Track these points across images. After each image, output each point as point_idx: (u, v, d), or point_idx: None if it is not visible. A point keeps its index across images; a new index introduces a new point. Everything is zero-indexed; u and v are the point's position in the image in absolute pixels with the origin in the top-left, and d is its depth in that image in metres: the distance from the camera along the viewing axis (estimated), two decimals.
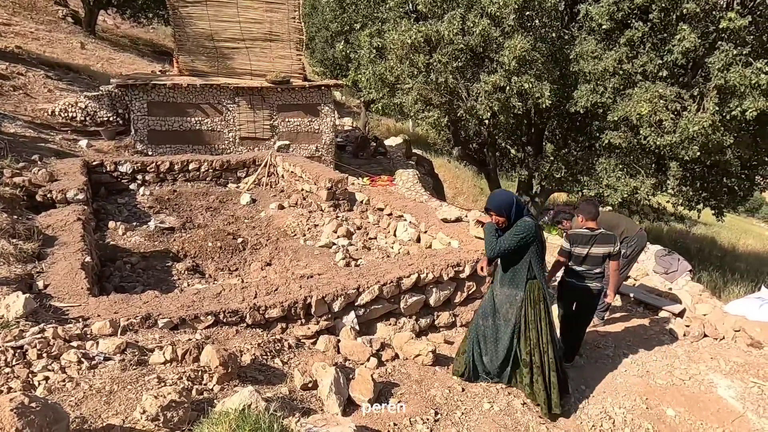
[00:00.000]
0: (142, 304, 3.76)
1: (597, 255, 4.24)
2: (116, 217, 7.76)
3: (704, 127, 8.63)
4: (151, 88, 11.14)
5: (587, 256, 4.24)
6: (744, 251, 18.60)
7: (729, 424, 3.96)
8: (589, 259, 4.25)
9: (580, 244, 4.24)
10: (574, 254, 4.27)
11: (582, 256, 4.25)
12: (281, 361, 3.61)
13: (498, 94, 9.68)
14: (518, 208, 3.54)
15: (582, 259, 4.26)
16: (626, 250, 5.31)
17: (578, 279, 4.32)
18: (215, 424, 2.31)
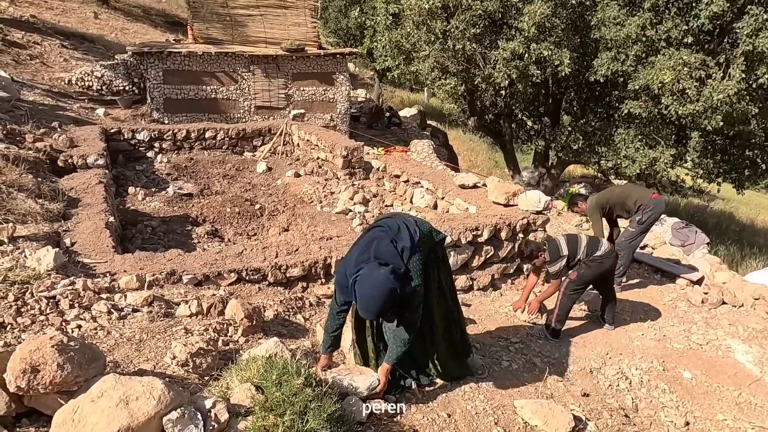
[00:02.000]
0: (166, 261, 3.83)
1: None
2: (135, 183, 7.85)
3: (729, 95, 8.40)
4: (166, 56, 11.10)
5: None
6: (763, 226, 18.31)
7: (746, 387, 3.98)
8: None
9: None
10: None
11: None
12: (303, 318, 3.68)
13: (516, 62, 9.50)
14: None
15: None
16: (641, 216, 5.26)
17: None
18: (243, 370, 2.38)
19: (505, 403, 3.02)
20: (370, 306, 2.43)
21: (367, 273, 2.44)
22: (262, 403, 2.13)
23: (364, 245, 2.66)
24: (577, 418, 2.97)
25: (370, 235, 2.75)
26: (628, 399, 3.66)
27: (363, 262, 2.53)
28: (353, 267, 2.53)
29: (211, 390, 2.30)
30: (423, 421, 2.66)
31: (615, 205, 5.42)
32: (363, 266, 2.49)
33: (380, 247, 2.59)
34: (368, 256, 2.54)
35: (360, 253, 2.61)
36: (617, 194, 5.52)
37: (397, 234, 2.66)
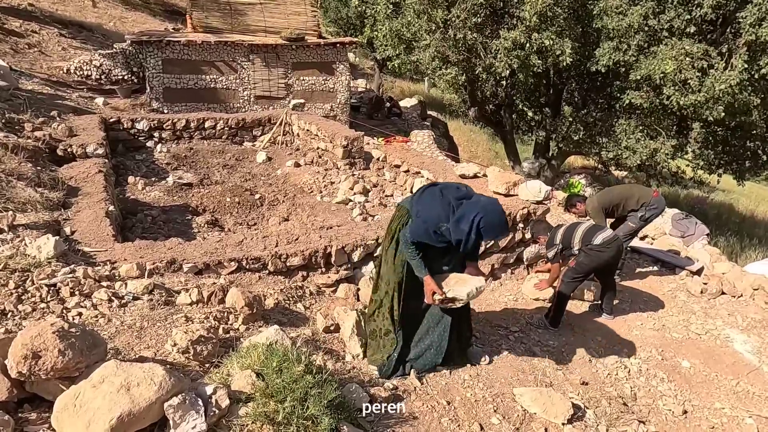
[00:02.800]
0: (166, 250, 3.84)
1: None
2: (135, 173, 7.84)
3: (731, 86, 8.36)
4: (165, 45, 11.03)
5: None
6: (763, 218, 18.30)
7: (744, 376, 4.00)
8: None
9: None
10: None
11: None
12: (303, 306, 3.69)
13: (517, 51, 9.43)
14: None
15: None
16: (644, 213, 5.25)
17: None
18: (244, 357, 2.39)
19: (504, 391, 3.04)
20: (503, 228, 2.72)
21: (484, 204, 2.68)
22: (262, 389, 2.13)
23: (437, 196, 2.78)
24: (576, 406, 2.99)
25: (430, 191, 2.86)
26: (626, 388, 3.69)
27: (460, 201, 2.70)
28: (449, 213, 2.65)
29: (211, 377, 2.31)
30: (423, 408, 2.68)
31: (617, 206, 5.33)
32: (465, 203, 2.67)
33: (460, 188, 2.83)
34: (459, 196, 2.75)
35: (443, 204, 2.72)
36: (618, 194, 5.42)
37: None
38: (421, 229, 2.75)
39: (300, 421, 2.07)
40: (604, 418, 3.06)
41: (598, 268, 4.35)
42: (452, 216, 2.69)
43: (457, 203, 2.73)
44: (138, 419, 1.86)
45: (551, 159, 13.49)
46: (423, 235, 2.75)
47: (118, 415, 1.81)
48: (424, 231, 2.75)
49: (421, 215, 2.77)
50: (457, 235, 2.68)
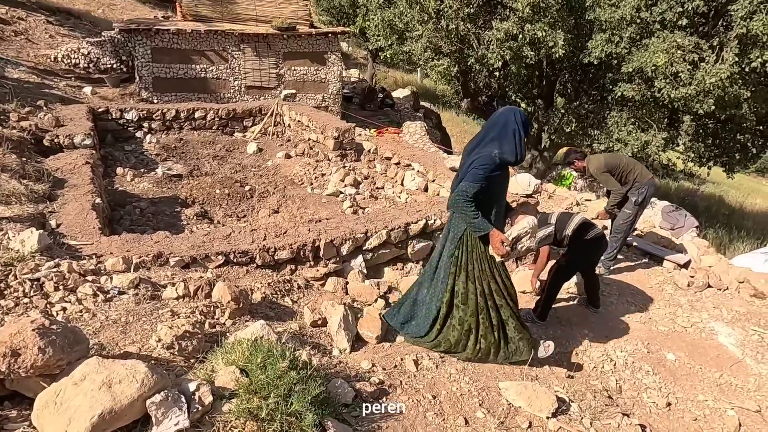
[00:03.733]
0: (153, 243, 3.81)
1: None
2: (124, 164, 7.77)
3: (722, 79, 8.38)
4: (154, 34, 10.89)
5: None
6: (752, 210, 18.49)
7: (727, 368, 4.05)
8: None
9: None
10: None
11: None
12: (291, 300, 3.68)
13: (510, 43, 9.40)
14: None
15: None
16: (637, 197, 5.24)
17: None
18: (229, 353, 2.38)
19: (490, 384, 3.05)
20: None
21: (505, 110, 3.04)
22: (246, 385, 2.13)
23: (470, 151, 3.07)
24: (561, 400, 3.02)
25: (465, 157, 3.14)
26: (612, 380, 3.72)
27: (489, 131, 3.04)
28: (494, 143, 2.96)
29: (196, 373, 2.31)
30: (408, 402, 2.69)
31: (621, 173, 5.25)
32: (495, 127, 3.01)
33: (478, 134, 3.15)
34: (486, 132, 3.04)
35: (483, 145, 3.01)
36: (625, 163, 5.30)
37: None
38: (481, 173, 2.90)
39: (284, 417, 2.07)
40: (589, 412, 3.09)
41: (586, 264, 4.38)
42: (497, 141, 2.95)
43: (490, 132, 3.00)
44: (120, 417, 1.86)
45: (543, 151, 13.51)
46: (489, 170, 2.90)
47: (100, 412, 1.80)
48: (490, 171, 2.91)
49: (475, 165, 2.92)
50: (510, 144, 2.94)
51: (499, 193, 3.12)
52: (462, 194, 2.91)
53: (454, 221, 3.17)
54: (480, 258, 3.12)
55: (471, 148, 3.07)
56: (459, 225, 3.12)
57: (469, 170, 2.94)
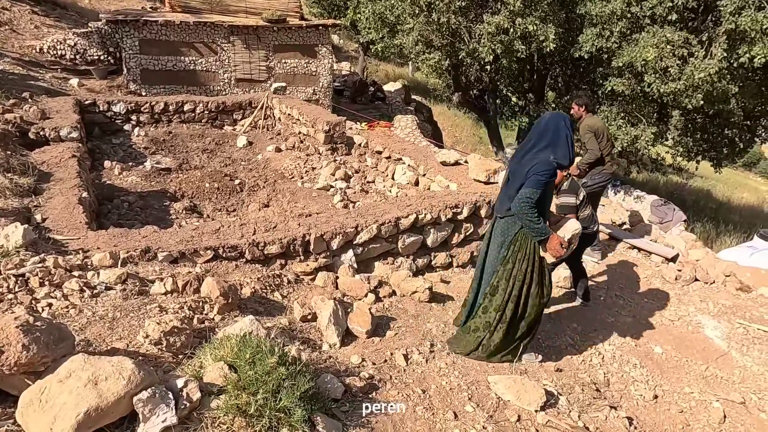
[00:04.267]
0: (141, 238, 3.77)
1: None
2: (111, 157, 7.68)
3: (710, 74, 8.44)
4: (142, 25, 10.74)
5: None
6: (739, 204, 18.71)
7: (713, 361, 4.11)
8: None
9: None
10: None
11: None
12: (281, 295, 3.67)
13: (501, 36, 9.39)
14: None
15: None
16: (588, 180, 5.54)
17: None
18: (217, 349, 2.37)
19: (479, 378, 3.07)
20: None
21: (551, 115, 3.22)
22: (234, 381, 2.12)
23: (521, 161, 3.21)
24: (549, 393, 3.04)
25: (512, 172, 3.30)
26: (600, 374, 3.76)
27: (541, 138, 3.18)
28: (548, 150, 3.10)
29: (184, 369, 2.29)
30: (398, 397, 2.70)
31: (601, 141, 5.53)
32: (543, 135, 3.15)
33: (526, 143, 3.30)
34: (536, 140, 3.19)
35: (534, 155, 3.16)
36: (608, 144, 5.63)
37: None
38: (542, 179, 3.03)
39: (272, 413, 2.07)
40: (577, 405, 3.12)
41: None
42: (551, 147, 3.09)
43: (542, 139, 3.13)
44: (106, 414, 1.84)
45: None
46: (548, 176, 3.05)
47: (85, 410, 1.79)
48: (549, 176, 3.06)
49: (535, 171, 3.03)
50: (564, 149, 3.08)
51: (548, 197, 3.32)
52: (527, 200, 3.01)
53: (504, 225, 3.24)
54: (525, 259, 3.21)
55: (522, 154, 3.18)
56: (511, 228, 3.21)
57: (529, 177, 3.04)
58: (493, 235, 3.33)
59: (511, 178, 3.21)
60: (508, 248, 3.22)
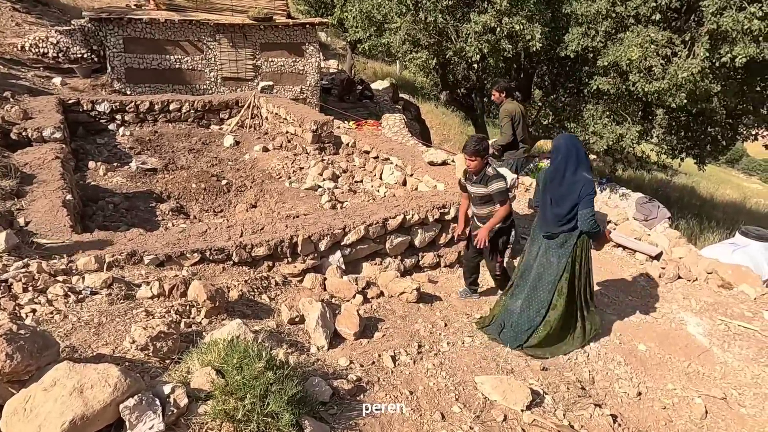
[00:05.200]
0: (127, 241, 3.75)
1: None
2: (96, 158, 7.59)
3: (693, 73, 8.56)
4: (126, 23, 10.62)
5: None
6: (722, 201, 19.01)
7: (695, 357, 4.18)
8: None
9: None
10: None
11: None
12: (268, 298, 3.67)
13: (488, 36, 9.43)
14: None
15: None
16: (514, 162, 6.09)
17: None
18: (204, 353, 2.37)
19: (466, 379, 3.10)
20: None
21: (562, 139, 3.79)
22: (222, 387, 2.12)
23: (570, 182, 3.63)
24: (535, 392, 3.08)
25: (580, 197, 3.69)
26: (585, 372, 3.81)
27: (575, 167, 3.65)
28: (585, 173, 3.62)
29: (171, 374, 2.29)
30: (385, 398, 2.72)
31: (517, 126, 6.03)
32: (571, 160, 3.62)
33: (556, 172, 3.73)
34: (569, 166, 3.66)
35: (577, 179, 3.61)
36: (522, 130, 6.11)
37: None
38: (593, 195, 3.59)
39: (260, 417, 2.07)
40: (562, 403, 3.16)
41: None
42: (583, 166, 3.60)
43: (570, 160, 3.59)
44: (92, 422, 1.83)
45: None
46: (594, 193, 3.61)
47: (71, 419, 1.78)
48: (594, 191, 3.61)
49: (587, 192, 3.54)
50: (588, 165, 3.66)
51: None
52: (591, 217, 3.56)
53: (562, 239, 3.70)
54: (585, 259, 3.80)
55: (560, 179, 3.61)
56: (570, 240, 3.70)
57: (582, 198, 3.55)
58: (548, 251, 3.77)
59: (559, 201, 3.63)
60: (569, 255, 3.72)
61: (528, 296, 3.80)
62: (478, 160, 3.98)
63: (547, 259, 3.74)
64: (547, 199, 3.67)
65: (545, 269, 3.75)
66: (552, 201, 3.64)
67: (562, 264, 3.70)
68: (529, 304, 3.79)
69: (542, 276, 3.77)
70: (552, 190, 3.64)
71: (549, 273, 3.75)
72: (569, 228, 3.64)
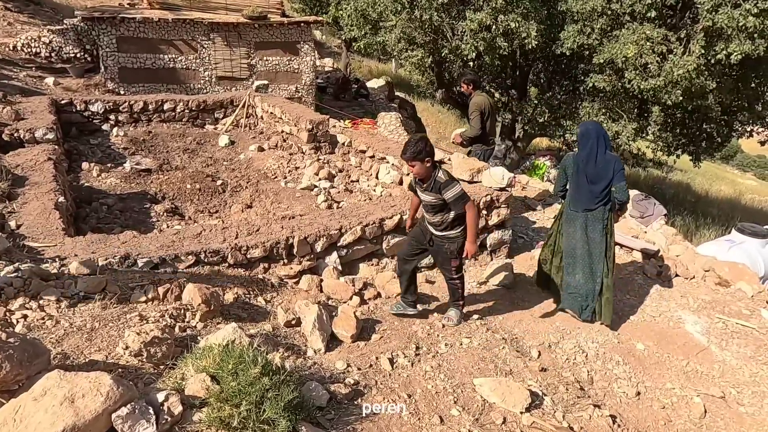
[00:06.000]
0: (120, 244, 3.70)
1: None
2: (90, 158, 7.53)
3: (688, 71, 8.56)
4: (119, 22, 10.53)
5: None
6: (717, 197, 19.07)
7: (693, 356, 4.17)
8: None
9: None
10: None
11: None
12: (264, 300, 3.63)
13: (484, 34, 9.39)
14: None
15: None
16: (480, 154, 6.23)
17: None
18: (199, 359, 2.33)
19: (465, 381, 3.07)
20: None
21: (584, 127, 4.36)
22: (217, 393, 2.09)
23: (594, 162, 4.16)
24: (534, 394, 3.06)
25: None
26: (584, 372, 3.79)
27: (602, 146, 4.20)
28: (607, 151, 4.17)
29: (165, 381, 2.25)
30: (383, 402, 2.69)
31: (487, 119, 6.17)
32: (594, 142, 4.16)
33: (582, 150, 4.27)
34: (595, 148, 4.21)
35: (606, 158, 4.16)
36: (494, 116, 6.35)
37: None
38: (624, 171, 4.14)
39: (256, 425, 2.04)
40: (561, 404, 3.14)
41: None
42: (609, 146, 4.18)
43: (600, 143, 4.09)
44: None
45: (517, 141, 13.62)
46: (624, 168, 4.19)
47: (61, 429, 1.74)
48: (623, 165, 4.17)
49: (620, 168, 4.08)
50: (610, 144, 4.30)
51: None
52: (626, 188, 4.12)
53: (599, 213, 4.14)
54: (613, 232, 4.26)
55: (594, 159, 4.07)
56: (605, 213, 4.15)
57: (617, 173, 4.05)
58: (590, 226, 4.18)
59: (595, 179, 4.07)
60: (606, 228, 4.17)
61: (586, 270, 4.23)
62: (419, 164, 3.39)
63: (589, 235, 4.18)
64: (583, 180, 4.10)
65: (592, 245, 4.19)
66: (588, 181, 4.07)
67: (604, 237, 4.17)
68: (590, 277, 4.24)
69: (592, 253, 4.19)
70: (589, 171, 4.07)
71: (595, 247, 4.19)
72: (603, 203, 4.11)
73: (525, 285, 4.92)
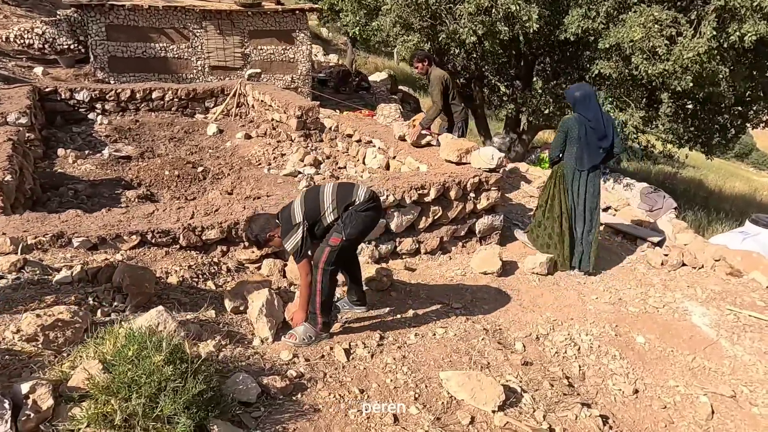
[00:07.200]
0: (59, 222, 3.36)
1: None
2: (68, 145, 7.25)
3: (699, 53, 8.06)
4: (108, 10, 10.27)
5: None
6: (731, 193, 18.41)
7: (701, 350, 3.73)
8: None
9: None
10: None
11: None
12: (215, 285, 3.27)
13: (482, 17, 8.97)
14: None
15: None
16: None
17: None
18: (99, 344, 1.97)
19: (431, 375, 2.68)
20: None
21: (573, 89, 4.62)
22: (104, 385, 1.72)
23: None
24: (511, 390, 2.66)
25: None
26: (575, 367, 3.38)
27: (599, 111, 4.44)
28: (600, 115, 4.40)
29: (50, 370, 1.89)
30: (329, 398, 2.30)
31: (451, 90, 6.13)
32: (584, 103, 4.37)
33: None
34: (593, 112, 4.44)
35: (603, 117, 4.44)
36: (455, 91, 6.30)
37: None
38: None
39: (148, 422, 1.67)
40: (543, 402, 2.73)
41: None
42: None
43: (596, 100, 4.43)
44: None
45: (522, 134, 13.16)
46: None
47: None
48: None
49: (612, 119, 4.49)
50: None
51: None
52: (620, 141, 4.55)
53: (598, 172, 4.45)
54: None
55: (600, 114, 4.34)
56: (599, 173, 4.49)
57: (615, 129, 4.50)
58: (588, 184, 4.43)
59: (603, 136, 4.33)
60: (599, 184, 4.52)
61: (587, 223, 4.50)
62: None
63: (587, 190, 4.43)
64: (593, 139, 4.30)
65: (590, 199, 4.45)
66: (598, 138, 4.31)
67: (596, 195, 4.48)
68: (589, 229, 4.51)
69: (593, 209, 4.48)
70: (599, 129, 4.29)
71: (592, 202, 4.47)
72: (603, 158, 4.42)
73: (515, 273, 4.51)
